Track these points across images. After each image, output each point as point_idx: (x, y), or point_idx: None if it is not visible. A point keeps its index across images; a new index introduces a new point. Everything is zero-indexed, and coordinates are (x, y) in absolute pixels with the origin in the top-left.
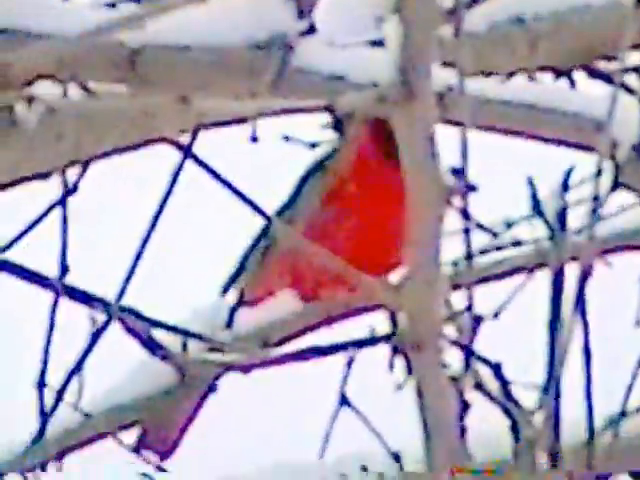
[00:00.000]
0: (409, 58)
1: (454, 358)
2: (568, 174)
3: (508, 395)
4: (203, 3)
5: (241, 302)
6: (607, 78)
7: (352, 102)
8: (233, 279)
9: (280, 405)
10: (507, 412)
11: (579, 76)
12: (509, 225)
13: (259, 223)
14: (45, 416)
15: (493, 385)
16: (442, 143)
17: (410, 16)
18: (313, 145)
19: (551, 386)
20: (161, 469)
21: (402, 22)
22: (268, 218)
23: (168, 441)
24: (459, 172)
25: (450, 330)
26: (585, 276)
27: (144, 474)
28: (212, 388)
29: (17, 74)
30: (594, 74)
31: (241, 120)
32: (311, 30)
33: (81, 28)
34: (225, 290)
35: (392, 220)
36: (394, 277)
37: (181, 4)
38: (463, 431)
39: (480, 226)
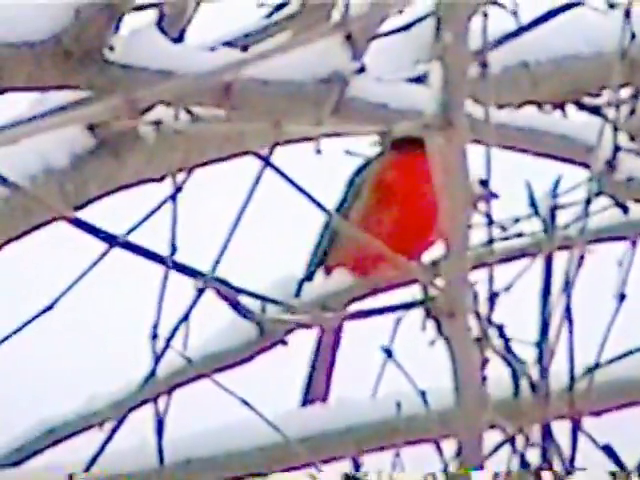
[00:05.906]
0: (448, 95)
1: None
2: (557, 182)
3: (510, 350)
4: (287, 52)
5: (309, 277)
6: (590, 110)
7: (405, 128)
8: (311, 261)
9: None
10: (509, 364)
11: (570, 108)
12: (515, 221)
13: (323, 217)
14: (157, 360)
15: (498, 342)
16: (472, 159)
17: (449, 63)
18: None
19: (543, 344)
20: (245, 403)
21: (443, 67)
22: (329, 213)
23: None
24: (485, 183)
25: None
26: (580, 261)
27: (243, 401)
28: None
29: (142, 105)
30: (581, 107)
31: (308, 138)
32: (362, 69)
33: (189, 67)
34: (308, 271)
35: (426, 210)
36: (426, 257)
37: (274, 53)
38: (484, 379)
39: (497, 223)
